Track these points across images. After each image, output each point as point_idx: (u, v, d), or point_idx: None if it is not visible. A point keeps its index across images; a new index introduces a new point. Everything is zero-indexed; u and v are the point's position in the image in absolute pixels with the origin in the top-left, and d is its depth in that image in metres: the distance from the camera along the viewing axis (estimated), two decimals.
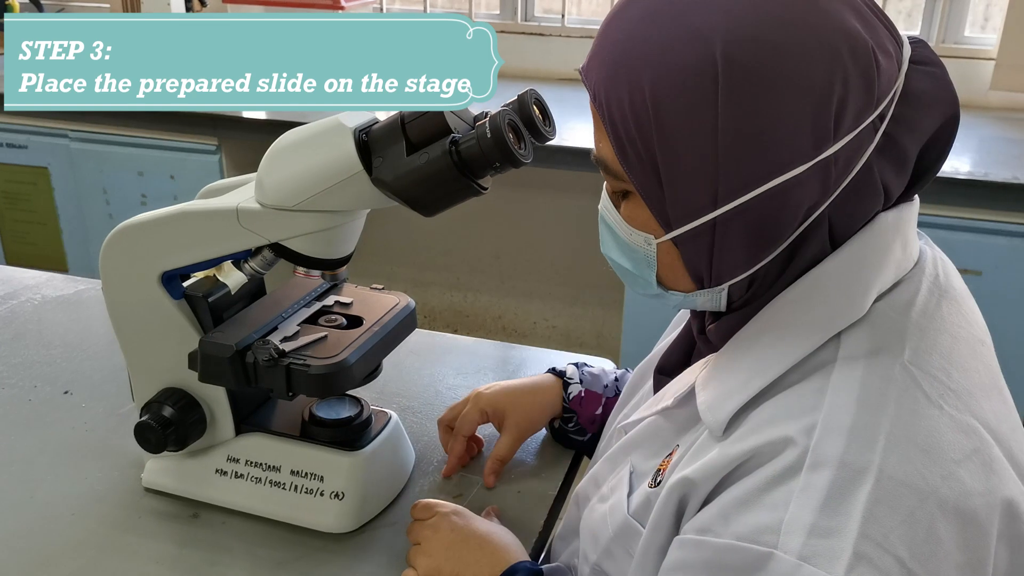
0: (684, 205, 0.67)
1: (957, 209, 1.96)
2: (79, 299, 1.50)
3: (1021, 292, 1.98)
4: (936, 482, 0.59)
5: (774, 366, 0.67)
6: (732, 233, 0.66)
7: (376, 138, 0.84)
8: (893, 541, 0.58)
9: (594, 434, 1.08)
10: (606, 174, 0.73)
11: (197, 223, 0.91)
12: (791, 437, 0.62)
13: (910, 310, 0.67)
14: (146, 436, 0.96)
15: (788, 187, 0.63)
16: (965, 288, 0.74)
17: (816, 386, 0.64)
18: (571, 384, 1.09)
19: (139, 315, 0.96)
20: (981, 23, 2.58)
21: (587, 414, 1.09)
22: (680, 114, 0.64)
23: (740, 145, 0.62)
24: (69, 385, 1.25)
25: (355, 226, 0.93)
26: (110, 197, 2.61)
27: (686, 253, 0.70)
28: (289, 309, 1.02)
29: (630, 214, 0.72)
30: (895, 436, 0.60)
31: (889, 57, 0.65)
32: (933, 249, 0.74)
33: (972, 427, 0.63)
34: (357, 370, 0.93)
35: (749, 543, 0.60)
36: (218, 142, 2.46)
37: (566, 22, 2.82)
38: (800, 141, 0.62)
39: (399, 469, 1.06)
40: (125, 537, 0.97)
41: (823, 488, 0.59)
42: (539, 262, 2.97)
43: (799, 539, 0.58)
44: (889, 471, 0.59)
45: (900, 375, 0.63)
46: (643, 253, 0.73)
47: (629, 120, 0.66)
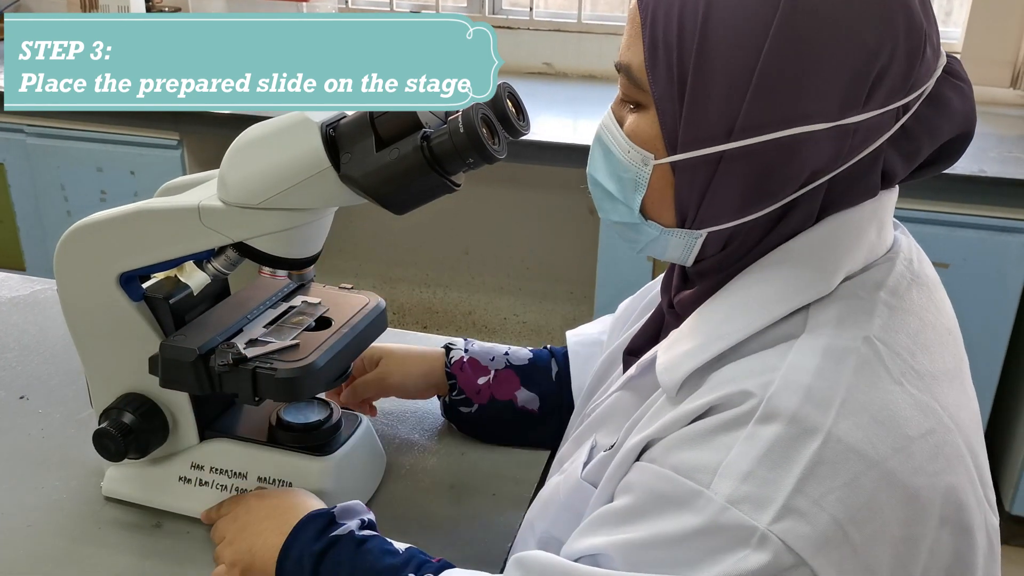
0: (698, 130, 0.65)
1: (924, 202, 1.97)
2: (35, 300, 1.46)
3: (988, 284, 2.00)
4: (886, 453, 0.60)
5: (736, 332, 0.67)
6: (734, 173, 0.65)
7: (344, 133, 0.81)
8: (831, 501, 0.58)
9: (482, 406, 1.07)
10: (626, 80, 0.70)
11: (157, 222, 0.88)
12: (748, 390, 0.63)
13: (879, 290, 0.67)
14: (105, 444, 0.93)
15: (802, 141, 0.63)
16: (937, 278, 0.74)
17: (780, 352, 0.64)
18: (453, 350, 1.09)
19: (97, 318, 0.93)
20: (943, 17, 2.60)
21: (470, 382, 1.06)
22: (729, 32, 0.62)
23: (775, 83, 0.62)
24: (25, 390, 1.21)
25: (322, 224, 0.91)
26: (68, 194, 2.54)
27: (681, 183, 0.68)
28: (255, 311, 0.99)
29: (635, 129, 0.70)
30: (851, 403, 0.61)
31: (934, 52, 0.65)
32: (908, 238, 0.75)
33: (932, 408, 0.63)
34: (325, 373, 0.91)
35: (683, 477, 0.62)
36: (180, 137, 2.41)
37: (534, 15, 2.80)
38: (831, 98, 0.62)
39: (370, 473, 1.03)
40: (85, 549, 0.94)
41: (768, 440, 0.60)
42: (509, 257, 2.96)
43: (731, 484, 0.59)
44: (839, 434, 0.59)
45: (864, 348, 0.63)
46: (634, 174, 0.70)
47: (673, 24, 0.64)
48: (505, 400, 1.07)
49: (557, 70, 2.80)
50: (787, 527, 0.57)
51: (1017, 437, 2.17)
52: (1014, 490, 2.14)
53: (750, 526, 0.58)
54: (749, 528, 0.58)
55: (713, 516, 0.59)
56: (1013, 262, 1.97)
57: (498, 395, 1.06)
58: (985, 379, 2.08)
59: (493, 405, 1.06)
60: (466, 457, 1.10)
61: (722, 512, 0.59)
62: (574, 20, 2.77)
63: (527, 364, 1.08)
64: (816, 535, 0.58)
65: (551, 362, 1.08)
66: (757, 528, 0.58)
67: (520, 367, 1.08)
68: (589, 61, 2.76)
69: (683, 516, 0.61)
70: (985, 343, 2.03)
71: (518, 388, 1.07)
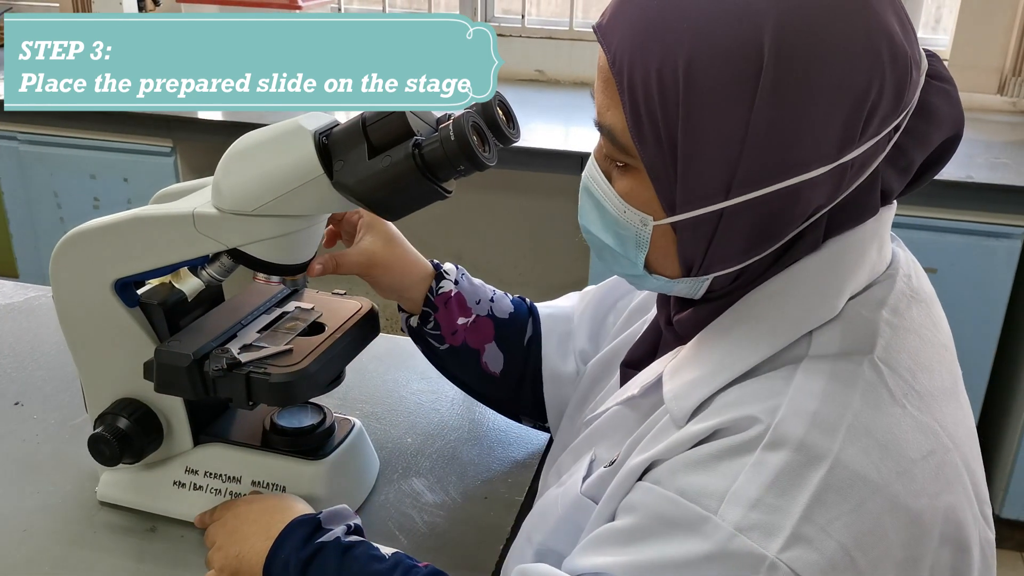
0: (694, 190, 0.63)
1: (913, 208, 1.99)
2: (30, 307, 1.46)
3: (975, 289, 2.01)
4: (890, 477, 0.60)
5: (743, 360, 0.66)
6: (737, 225, 0.63)
7: (337, 141, 0.82)
8: (838, 527, 0.58)
9: (452, 348, 1.02)
10: (610, 144, 0.68)
11: (151, 229, 0.89)
12: (755, 416, 0.62)
13: (881, 309, 0.67)
14: (100, 448, 0.93)
15: (803, 186, 0.61)
16: (933, 292, 0.74)
17: (784, 375, 0.64)
18: (445, 280, 1.03)
19: (92, 324, 0.94)
20: (932, 24, 2.63)
21: (450, 320, 1.02)
22: (714, 96, 0.60)
23: (769, 137, 0.60)
24: (20, 396, 1.21)
25: (316, 231, 0.92)
26: (62, 201, 2.54)
27: (683, 240, 0.66)
28: (248, 316, 0.99)
29: (628, 190, 0.68)
30: (856, 428, 0.61)
31: (918, 68, 0.64)
32: (905, 252, 0.74)
33: (932, 429, 0.64)
34: (319, 378, 0.92)
35: (690, 501, 0.62)
36: (173, 144, 2.41)
37: (526, 22, 2.82)
38: (827, 141, 0.60)
39: (363, 477, 1.04)
40: (80, 553, 0.94)
41: (776, 467, 0.60)
42: (502, 263, 2.96)
43: (740, 511, 0.59)
44: (845, 460, 0.60)
45: (868, 371, 0.63)
46: (634, 232, 0.69)
47: (654, 94, 0.62)
48: (473, 350, 1.03)
49: (549, 77, 2.81)
50: (796, 555, 0.57)
51: (1006, 442, 2.18)
52: (1003, 494, 2.16)
53: (759, 554, 0.58)
54: (759, 556, 0.58)
55: (722, 543, 0.59)
56: (1001, 267, 1.99)
57: (471, 342, 1.03)
58: (974, 384, 2.10)
59: (462, 349, 1.03)
60: (458, 461, 1.10)
61: (731, 539, 0.59)
62: (566, 27, 2.78)
63: (507, 319, 1.05)
64: (824, 562, 0.58)
65: (528, 324, 1.06)
66: (767, 556, 0.58)
67: (499, 320, 1.04)
68: (581, 68, 2.77)
69: (691, 541, 0.60)
70: (974, 348, 2.05)
71: (489, 341, 1.03)
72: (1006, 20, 2.36)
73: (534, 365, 1.05)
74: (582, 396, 0.96)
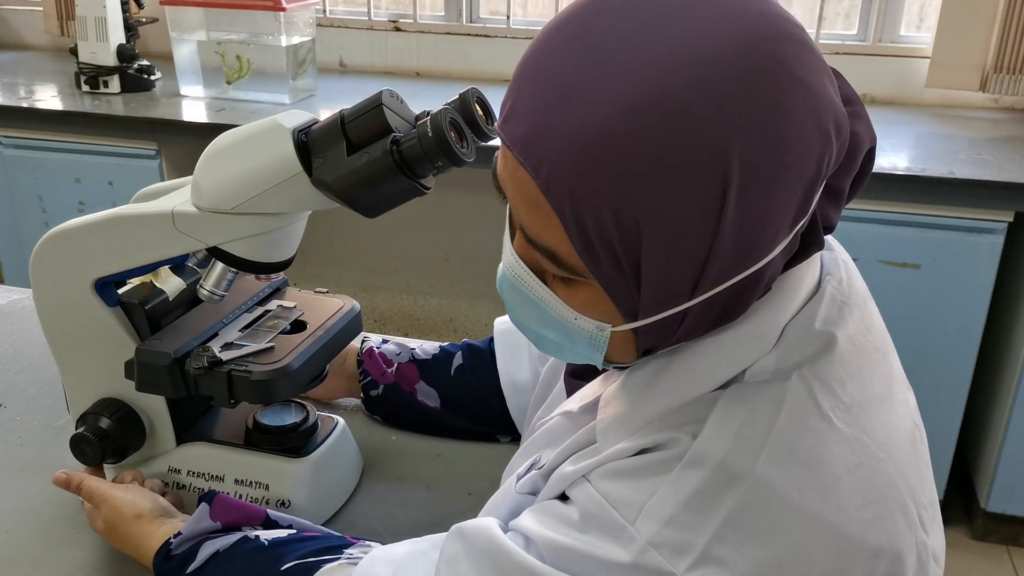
0: (658, 297, 0.60)
1: (896, 204, 2.00)
2: (13, 310, 1.46)
3: (959, 285, 2.03)
4: (811, 495, 0.60)
5: (677, 397, 0.66)
6: (702, 312, 0.62)
7: (315, 138, 0.82)
8: (753, 547, 0.58)
9: (388, 386, 1.12)
10: (551, 263, 0.62)
11: (131, 228, 0.89)
12: (679, 437, 0.63)
13: (813, 323, 0.66)
14: (83, 449, 0.93)
15: (765, 265, 0.61)
16: (866, 289, 0.73)
17: (713, 399, 0.64)
18: (366, 341, 1.15)
19: (73, 324, 0.94)
20: (916, 23, 2.64)
21: (376, 367, 1.12)
22: (681, 219, 0.56)
23: (735, 240, 0.58)
24: (3, 398, 1.21)
25: (296, 229, 0.92)
26: (46, 204, 2.53)
27: (645, 334, 0.64)
28: (230, 315, 0.99)
29: (581, 304, 0.64)
30: (778, 447, 0.61)
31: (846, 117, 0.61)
32: (833, 252, 0.73)
33: (860, 441, 0.63)
34: (300, 375, 0.92)
35: (611, 506, 0.63)
36: (157, 147, 2.40)
37: (511, 23, 2.82)
38: (786, 222, 0.59)
39: (346, 475, 1.04)
40: (63, 553, 0.94)
41: (692, 486, 0.60)
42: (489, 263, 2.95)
43: (654, 526, 0.60)
44: (765, 479, 0.59)
45: (797, 385, 0.63)
46: (588, 337, 0.65)
47: (611, 230, 0.56)
48: (408, 391, 1.12)
49: None
50: (704, 574, 0.58)
51: (990, 436, 2.20)
52: (988, 487, 2.17)
53: (668, 571, 0.58)
54: (667, 573, 0.59)
55: (636, 555, 0.60)
56: (983, 262, 2.00)
57: (403, 385, 1.12)
58: (957, 379, 2.11)
59: (398, 391, 1.12)
60: (442, 458, 1.11)
61: (643, 553, 0.59)
62: None
63: (429, 359, 1.12)
64: None
65: (456, 356, 1.12)
66: (674, 574, 0.58)
67: (422, 361, 1.12)
68: None
69: (613, 546, 0.61)
70: (957, 343, 2.06)
71: (417, 380, 1.12)
72: (987, 18, 2.37)
73: (476, 389, 1.10)
74: (538, 400, 0.97)
